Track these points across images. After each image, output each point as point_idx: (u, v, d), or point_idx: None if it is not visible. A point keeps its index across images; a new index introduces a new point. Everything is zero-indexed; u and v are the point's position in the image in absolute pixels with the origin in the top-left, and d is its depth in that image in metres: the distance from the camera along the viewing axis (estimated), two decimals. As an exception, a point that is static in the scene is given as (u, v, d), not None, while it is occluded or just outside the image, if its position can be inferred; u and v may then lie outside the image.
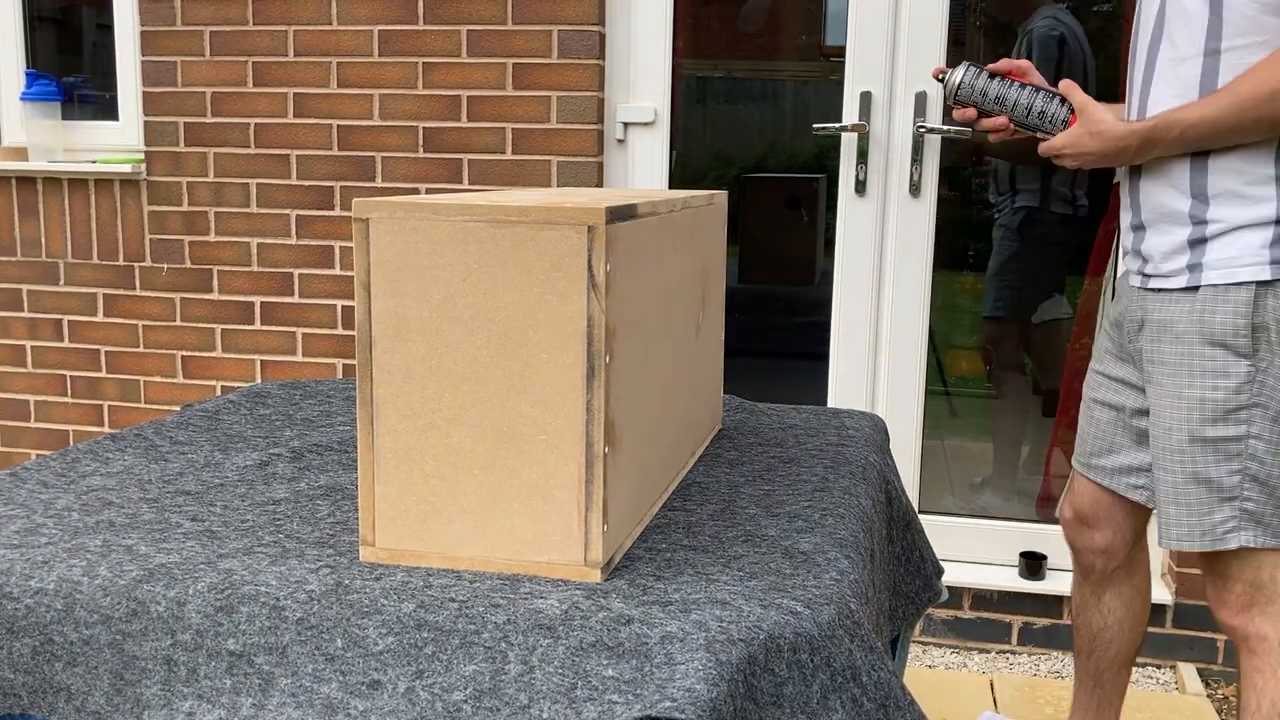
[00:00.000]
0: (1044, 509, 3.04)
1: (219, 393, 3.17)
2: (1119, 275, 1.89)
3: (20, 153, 3.23)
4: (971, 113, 1.82)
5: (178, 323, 3.17)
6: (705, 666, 0.96)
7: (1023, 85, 1.80)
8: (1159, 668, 2.79)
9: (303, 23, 2.97)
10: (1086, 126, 1.73)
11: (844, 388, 2.93)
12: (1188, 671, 2.72)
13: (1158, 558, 2.84)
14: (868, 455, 1.63)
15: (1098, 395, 1.91)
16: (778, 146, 3.23)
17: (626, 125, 2.94)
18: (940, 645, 2.90)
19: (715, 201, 1.64)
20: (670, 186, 2.98)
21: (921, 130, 2.78)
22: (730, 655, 0.98)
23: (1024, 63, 1.82)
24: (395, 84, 2.94)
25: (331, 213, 3.03)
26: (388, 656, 1.01)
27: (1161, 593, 2.77)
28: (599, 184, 2.91)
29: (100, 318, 3.22)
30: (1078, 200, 2.99)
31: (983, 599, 2.86)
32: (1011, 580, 2.85)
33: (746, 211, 3.20)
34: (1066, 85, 1.78)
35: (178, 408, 3.19)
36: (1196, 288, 1.64)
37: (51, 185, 3.21)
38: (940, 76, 1.84)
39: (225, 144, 3.07)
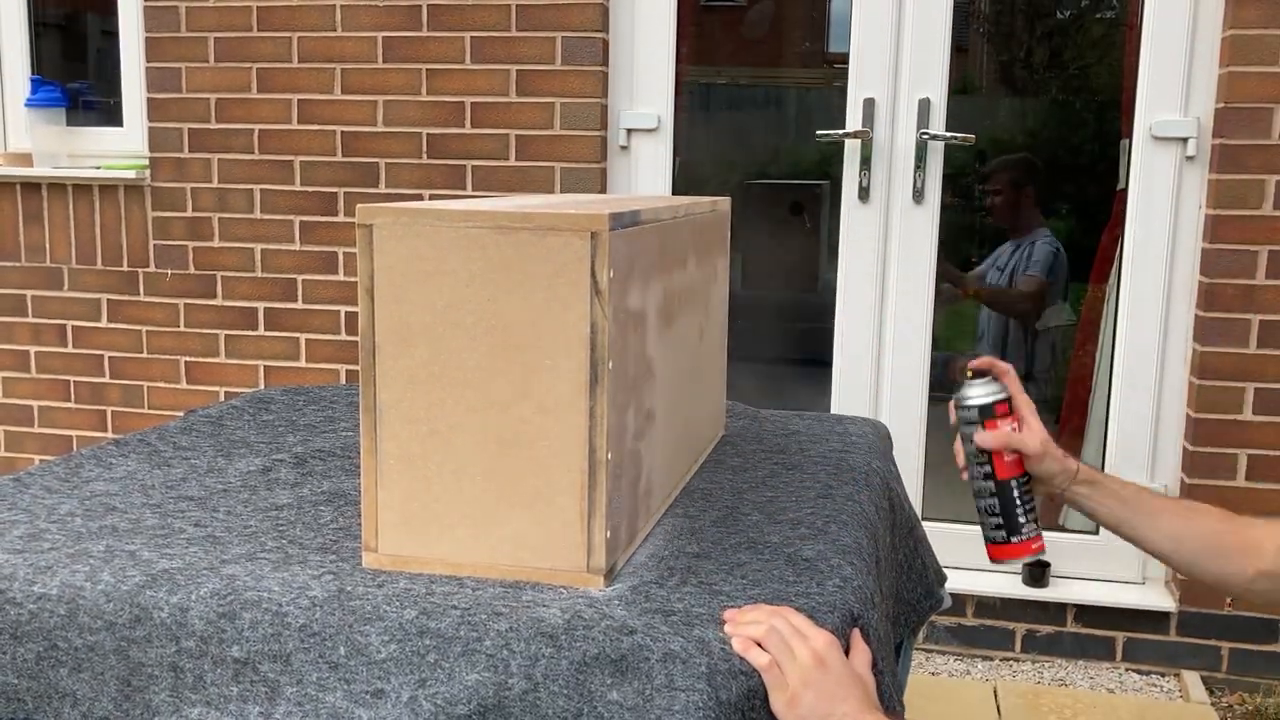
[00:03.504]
0: (1047, 516, 3.03)
1: (222, 398, 3.18)
2: None
3: (25, 158, 3.24)
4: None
5: (181, 328, 3.17)
6: (705, 704, 0.96)
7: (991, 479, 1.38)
8: (1163, 676, 2.78)
9: (306, 29, 2.97)
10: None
11: (847, 394, 2.92)
12: (1192, 680, 2.72)
13: (1160, 565, 2.84)
14: (871, 462, 1.63)
15: None
16: (781, 153, 3.24)
17: (630, 132, 2.94)
18: (944, 652, 2.89)
19: (718, 208, 1.64)
20: (673, 193, 2.98)
21: (925, 137, 2.78)
22: (730, 692, 0.97)
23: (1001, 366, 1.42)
24: (399, 90, 2.94)
25: (335, 219, 3.04)
26: (390, 665, 1.01)
27: (1165, 600, 2.76)
28: (602, 190, 2.91)
29: (104, 323, 3.23)
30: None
31: (986, 606, 2.86)
32: (1015, 587, 2.85)
33: (750, 218, 3.20)
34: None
35: (181, 413, 3.19)
36: None
37: (56, 191, 3.21)
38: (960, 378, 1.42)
39: (229, 150, 3.07)
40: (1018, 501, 1.37)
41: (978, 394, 1.37)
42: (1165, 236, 2.71)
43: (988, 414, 1.36)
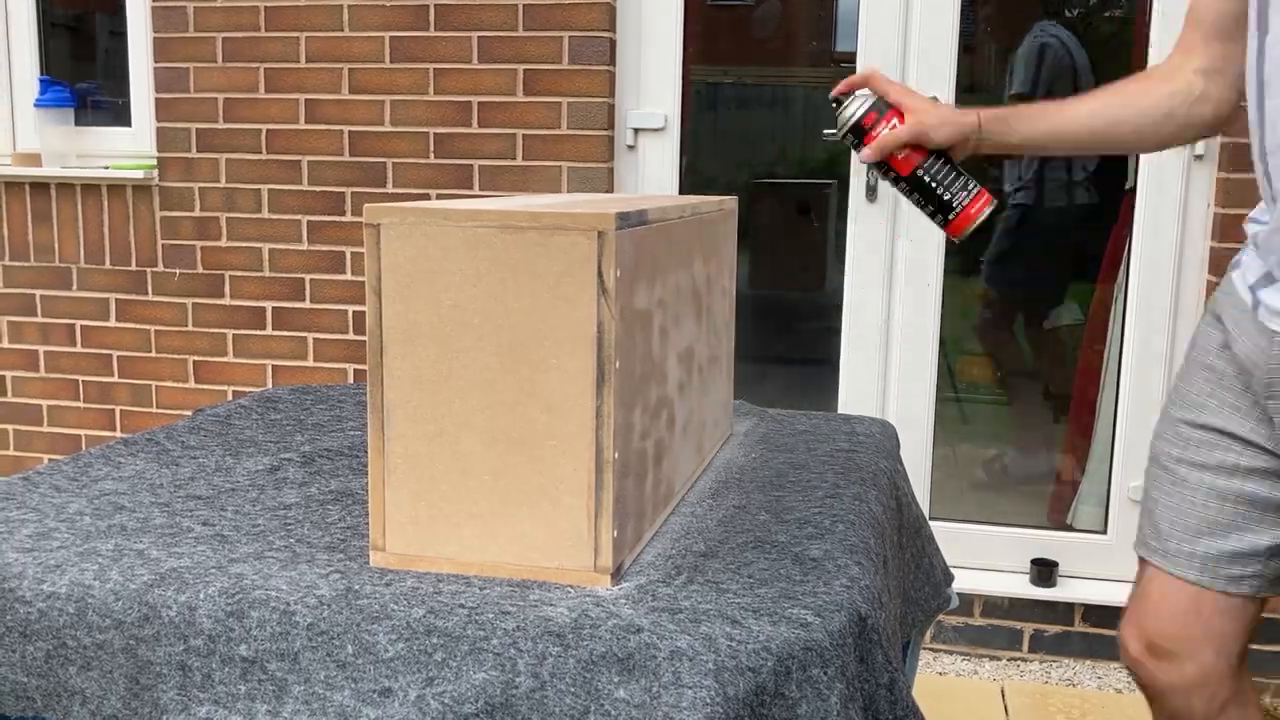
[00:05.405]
0: (1055, 516, 3.03)
1: (230, 397, 3.18)
2: (1232, 307, 1.40)
3: (34, 159, 3.25)
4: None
5: (189, 328, 3.18)
6: (713, 701, 0.95)
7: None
8: (1171, 675, 2.77)
9: (314, 29, 2.98)
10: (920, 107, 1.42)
11: (855, 393, 2.92)
12: (1200, 679, 2.71)
13: (1170, 565, 2.83)
14: (878, 461, 1.63)
15: (1196, 457, 1.41)
16: (788, 152, 3.23)
17: (637, 131, 2.94)
18: (951, 652, 2.89)
19: (725, 207, 1.64)
20: (681, 192, 2.98)
21: (932, 136, 2.77)
22: (738, 689, 0.97)
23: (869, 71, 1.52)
24: (406, 90, 2.95)
25: (342, 218, 3.04)
26: (398, 663, 1.01)
27: (1173, 600, 2.75)
28: (609, 190, 2.92)
29: (112, 323, 3.24)
30: (1075, 197, 2.99)
31: (993, 606, 2.85)
32: (1022, 587, 2.84)
33: (757, 217, 3.20)
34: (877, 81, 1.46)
35: (189, 412, 3.20)
36: None
37: (64, 191, 3.22)
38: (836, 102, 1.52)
39: (237, 150, 3.08)
40: (934, 184, 1.42)
41: (843, 118, 1.45)
42: (1174, 235, 2.71)
43: (859, 132, 1.42)
